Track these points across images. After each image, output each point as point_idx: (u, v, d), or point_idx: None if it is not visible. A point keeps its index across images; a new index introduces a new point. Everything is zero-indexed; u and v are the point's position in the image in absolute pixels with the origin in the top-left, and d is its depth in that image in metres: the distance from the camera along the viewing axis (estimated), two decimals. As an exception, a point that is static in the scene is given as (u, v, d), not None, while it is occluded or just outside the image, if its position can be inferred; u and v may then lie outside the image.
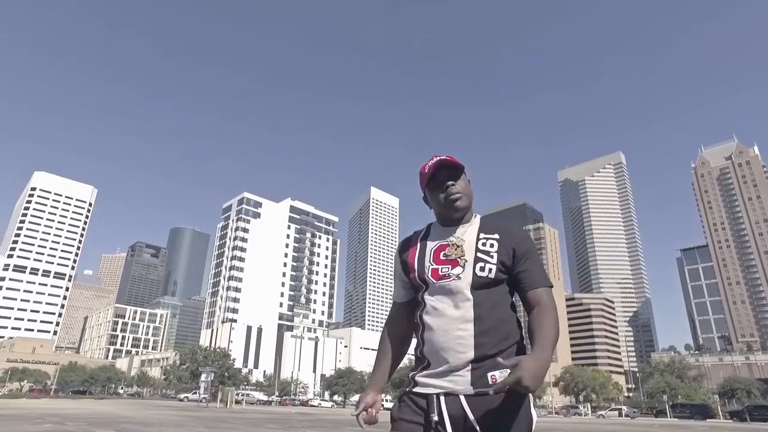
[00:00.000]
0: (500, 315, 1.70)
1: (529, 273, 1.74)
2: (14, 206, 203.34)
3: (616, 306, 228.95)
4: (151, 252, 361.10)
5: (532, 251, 1.78)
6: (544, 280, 1.75)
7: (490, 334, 1.66)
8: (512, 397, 1.57)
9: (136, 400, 58.62)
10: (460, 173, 1.85)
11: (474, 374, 1.62)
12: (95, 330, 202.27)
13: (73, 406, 30.62)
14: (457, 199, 1.82)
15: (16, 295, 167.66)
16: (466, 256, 1.76)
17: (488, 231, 1.82)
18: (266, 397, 76.33)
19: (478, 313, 1.68)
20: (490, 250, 1.75)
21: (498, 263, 1.73)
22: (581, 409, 69.42)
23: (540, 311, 1.67)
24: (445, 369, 1.66)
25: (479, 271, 1.71)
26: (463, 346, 1.65)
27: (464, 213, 1.86)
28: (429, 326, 1.74)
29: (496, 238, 1.79)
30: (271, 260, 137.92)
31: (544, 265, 1.66)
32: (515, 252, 1.75)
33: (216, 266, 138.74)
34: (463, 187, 1.84)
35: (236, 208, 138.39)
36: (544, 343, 1.55)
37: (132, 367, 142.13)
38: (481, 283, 1.71)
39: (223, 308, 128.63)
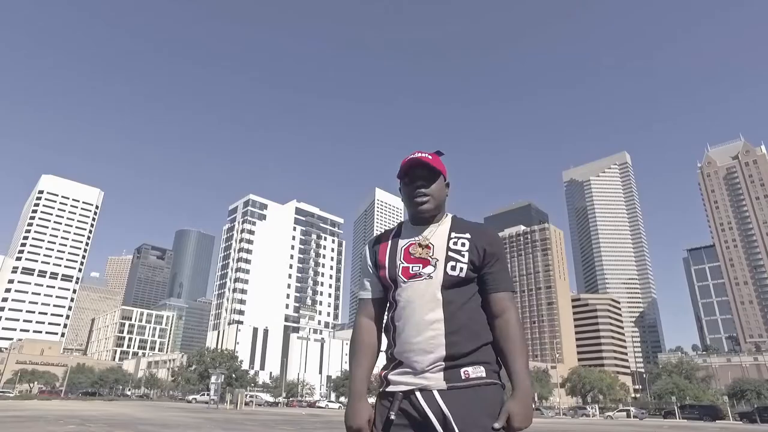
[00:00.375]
0: (470, 314, 1.70)
1: (495, 276, 1.74)
2: (22, 209, 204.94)
3: (622, 306, 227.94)
4: (157, 254, 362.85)
5: (502, 254, 1.79)
6: (509, 284, 1.76)
7: (461, 333, 1.66)
8: (486, 389, 1.60)
9: (145, 402, 58.98)
10: (435, 175, 1.84)
11: (446, 372, 1.62)
12: (102, 332, 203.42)
13: (88, 408, 30.95)
14: (423, 202, 1.82)
15: (25, 298, 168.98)
16: (437, 255, 1.75)
17: (460, 230, 1.82)
18: (273, 399, 76.70)
19: (449, 312, 1.67)
20: (461, 249, 1.75)
21: (468, 262, 1.72)
22: (589, 410, 69.27)
23: (506, 326, 1.68)
24: (418, 368, 1.65)
25: (450, 270, 1.71)
26: (434, 345, 1.64)
27: (431, 215, 1.85)
28: (400, 327, 1.73)
29: (468, 237, 1.78)
30: (277, 262, 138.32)
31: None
32: (485, 252, 1.75)
33: (222, 268, 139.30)
34: (435, 190, 1.83)
35: (242, 210, 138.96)
36: (520, 375, 1.59)
37: (139, 368, 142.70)
38: (451, 283, 1.70)
39: (229, 310, 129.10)
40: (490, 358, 1.67)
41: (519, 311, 1.31)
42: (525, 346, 1.66)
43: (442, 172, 1.86)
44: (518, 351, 1.63)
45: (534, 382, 74.06)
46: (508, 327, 1.67)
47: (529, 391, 1.57)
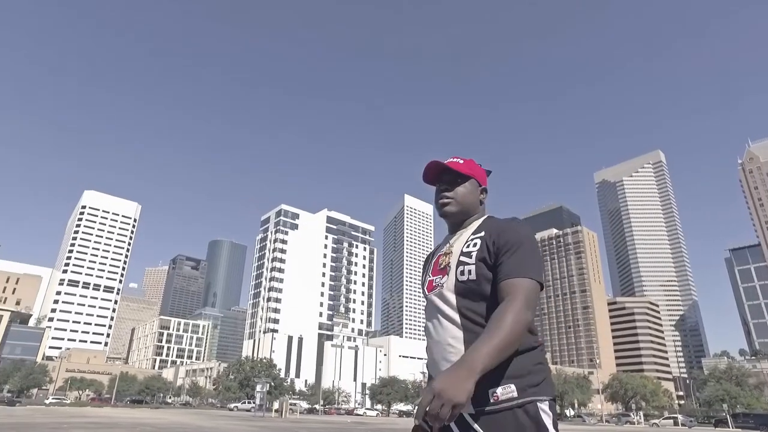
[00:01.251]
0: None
1: (504, 264, 1.54)
2: (67, 224, 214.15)
3: (660, 309, 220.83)
4: (192, 264, 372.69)
5: (518, 242, 1.57)
6: (521, 269, 1.52)
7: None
8: (521, 415, 1.42)
9: (191, 410, 60.71)
10: (459, 178, 1.77)
11: (474, 393, 1.39)
12: (142, 341, 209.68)
13: (147, 416, 32.25)
14: (445, 204, 1.76)
15: (71, 308, 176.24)
16: (452, 262, 1.67)
17: (479, 231, 1.70)
18: (310, 406, 77.62)
19: (465, 321, 1.56)
20: (472, 250, 1.63)
21: (477, 262, 1.59)
22: (633, 417, 67.50)
23: (501, 307, 1.46)
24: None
25: (460, 275, 1.61)
26: (455, 355, 1.53)
27: (456, 219, 1.78)
28: (428, 340, 1.68)
29: (481, 236, 1.66)
30: (310, 270, 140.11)
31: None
32: (494, 244, 1.59)
33: (256, 278, 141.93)
34: (459, 193, 1.76)
35: (274, 220, 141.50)
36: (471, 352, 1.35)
37: (178, 377, 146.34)
38: (464, 289, 1.59)
39: (264, 319, 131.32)
40: (525, 370, 1.48)
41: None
42: (505, 335, 1.37)
43: (472, 176, 1.79)
44: (493, 330, 1.39)
45: (574, 388, 72.56)
46: (502, 307, 1.45)
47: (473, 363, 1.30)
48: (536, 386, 1.47)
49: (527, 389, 1.45)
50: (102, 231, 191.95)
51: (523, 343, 1.48)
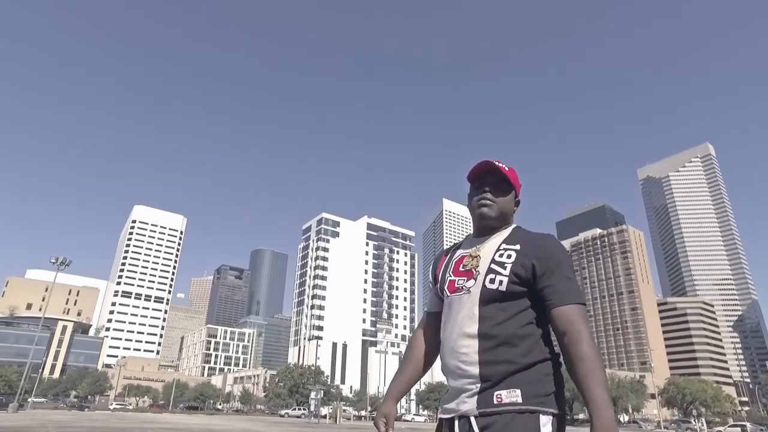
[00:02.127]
0: (513, 331, 1.54)
1: (554, 288, 1.55)
2: (119, 238, 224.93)
3: (716, 310, 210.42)
4: (235, 274, 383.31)
5: (561, 264, 1.58)
6: (574, 296, 1.54)
7: (498, 353, 1.52)
8: (516, 419, 1.43)
9: (245, 416, 62.52)
10: (506, 186, 1.75)
11: (480, 395, 1.50)
12: (191, 349, 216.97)
13: (210, 422, 33.59)
14: (484, 205, 1.73)
15: (125, 318, 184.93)
16: (481, 267, 1.65)
17: (511, 241, 1.69)
18: (356, 413, 78.34)
19: (484, 329, 1.56)
20: (505, 261, 1.62)
21: (511, 275, 1.58)
22: (694, 423, 64.58)
23: (575, 344, 1.47)
24: (456, 391, 1.58)
25: (489, 283, 1.59)
26: (468, 364, 1.55)
27: (490, 223, 1.75)
28: (442, 344, 1.68)
29: (516, 249, 1.64)
30: (352, 277, 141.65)
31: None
32: (536, 266, 1.58)
33: (299, 285, 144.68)
34: (501, 200, 1.74)
35: (315, 228, 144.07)
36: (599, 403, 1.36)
37: (226, 384, 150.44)
38: (491, 297, 1.58)
39: (308, 326, 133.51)
40: (534, 379, 1.49)
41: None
42: (601, 368, 1.42)
43: (515, 188, 1.77)
44: (593, 374, 1.40)
45: (628, 392, 70.24)
46: (577, 346, 1.46)
47: (612, 423, 1.34)
48: (543, 397, 1.46)
49: (532, 398, 1.45)
50: (151, 244, 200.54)
51: (535, 353, 1.52)
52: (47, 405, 71.15)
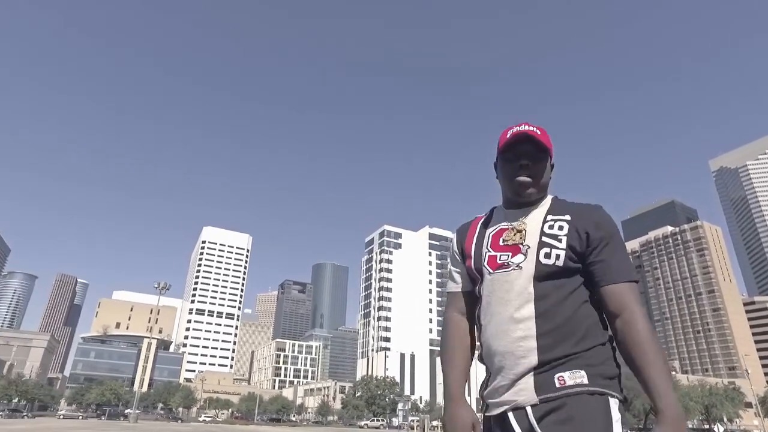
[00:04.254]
0: (572, 311, 1.40)
1: (606, 264, 1.42)
2: (190, 258, 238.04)
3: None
4: (299, 288, 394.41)
5: (614, 237, 1.45)
6: (626, 273, 1.41)
7: (558, 335, 1.37)
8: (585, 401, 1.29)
9: (327, 428, 64.39)
10: (542, 153, 1.56)
11: (538, 378, 1.34)
12: (261, 362, 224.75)
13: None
14: (527, 185, 1.55)
15: (199, 335, 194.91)
16: (529, 241, 1.49)
17: (558, 212, 1.54)
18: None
19: (542, 308, 1.40)
20: (558, 233, 1.47)
21: (567, 248, 1.44)
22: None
23: (630, 326, 1.34)
24: (508, 379, 1.39)
25: (544, 258, 1.44)
26: (524, 349, 1.38)
27: (531, 198, 1.58)
28: (485, 327, 1.50)
29: (567, 220, 1.49)
30: (417, 288, 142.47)
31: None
32: (589, 236, 1.44)
33: (365, 298, 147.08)
34: (540, 170, 1.56)
35: (378, 240, 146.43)
36: (662, 391, 1.23)
37: (297, 396, 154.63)
38: (546, 273, 1.43)
39: (375, 338, 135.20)
40: (597, 360, 1.36)
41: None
42: (661, 353, 1.29)
43: (550, 151, 1.58)
44: (653, 359, 1.27)
45: (723, 400, 65.81)
46: (632, 328, 1.33)
47: (679, 414, 1.19)
48: (609, 380, 1.35)
49: (599, 379, 1.33)
50: (221, 263, 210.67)
51: (596, 335, 1.41)
52: (148, 417, 76.41)
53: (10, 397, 61.49)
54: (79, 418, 58.94)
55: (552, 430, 1.26)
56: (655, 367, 1.26)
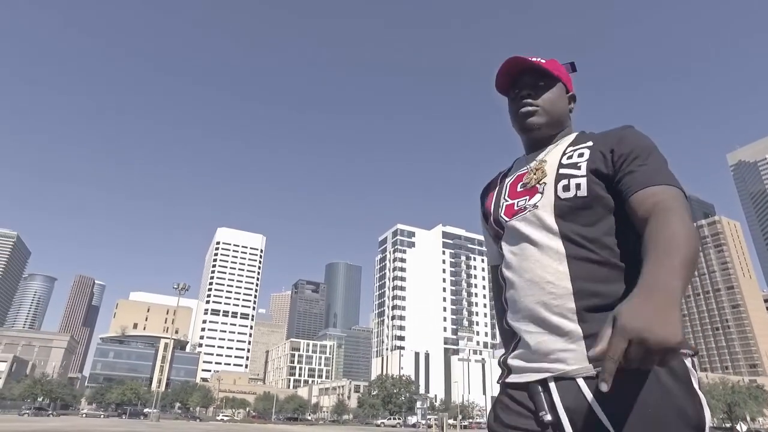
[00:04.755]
0: (614, 247, 1.11)
1: (636, 173, 1.12)
2: (205, 259, 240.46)
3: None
4: (312, 288, 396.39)
5: (645, 148, 1.17)
6: (662, 177, 1.11)
7: (599, 276, 1.08)
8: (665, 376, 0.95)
9: (346, 426, 64.65)
10: (548, 81, 1.35)
11: (590, 341, 1.00)
12: (276, 362, 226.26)
13: None
14: (530, 113, 1.34)
15: (215, 335, 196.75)
16: (547, 178, 1.25)
17: (580, 142, 1.29)
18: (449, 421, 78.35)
19: (572, 248, 1.13)
20: (578, 161, 1.22)
21: (589, 173, 1.18)
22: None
23: (657, 214, 1.01)
24: (543, 341, 1.09)
25: (562, 191, 1.19)
26: (558, 297, 1.09)
27: (543, 132, 1.36)
28: (511, 282, 1.22)
29: (589, 146, 1.24)
30: (431, 286, 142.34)
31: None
32: (614, 153, 1.18)
33: (379, 297, 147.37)
34: (547, 99, 1.34)
35: (391, 240, 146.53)
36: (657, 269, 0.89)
37: (312, 395, 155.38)
38: (568, 207, 1.17)
39: (390, 336, 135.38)
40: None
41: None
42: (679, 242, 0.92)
43: (561, 79, 1.37)
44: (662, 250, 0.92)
45: (746, 399, 64.50)
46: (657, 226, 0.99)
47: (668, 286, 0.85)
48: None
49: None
50: (235, 263, 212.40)
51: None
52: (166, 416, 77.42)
53: (36, 396, 63.04)
54: (101, 416, 60.02)
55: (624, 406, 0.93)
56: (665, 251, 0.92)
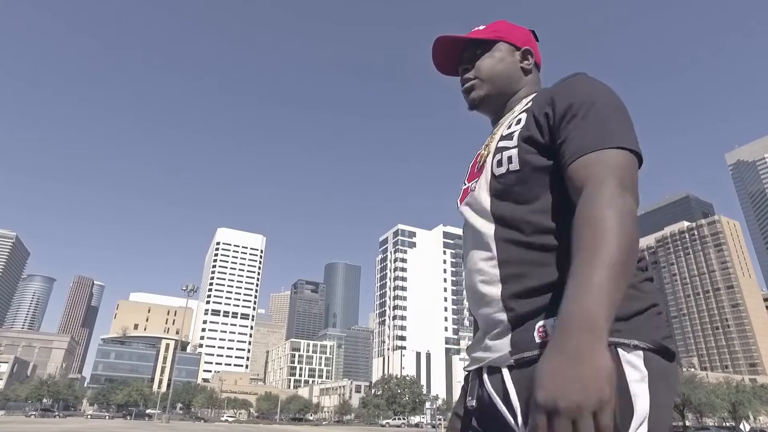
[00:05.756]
0: (548, 223, 0.95)
1: (570, 140, 0.93)
2: (205, 259, 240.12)
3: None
4: (311, 288, 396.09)
5: (583, 102, 0.95)
6: (599, 138, 0.91)
7: (525, 262, 0.94)
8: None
9: (350, 427, 64.67)
10: (483, 45, 1.21)
11: (516, 333, 0.91)
12: (276, 363, 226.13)
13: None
14: (470, 89, 1.21)
15: (215, 335, 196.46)
16: (490, 155, 1.09)
17: (527, 104, 1.10)
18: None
19: (502, 230, 0.99)
20: (513, 130, 1.05)
21: (521, 143, 1.00)
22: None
23: (584, 196, 0.86)
24: (482, 331, 1.03)
25: (496, 167, 1.03)
26: (486, 283, 0.99)
27: (492, 104, 1.22)
28: (464, 270, 1.12)
29: (527, 109, 1.06)
30: (432, 286, 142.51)
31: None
32: (548, 116, 0.99)
33: (380, 297, 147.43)
34: (484, 66, 1.20)
35: (392, 240, 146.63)
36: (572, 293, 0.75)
37: (312, 395, 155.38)
38: (502, 185, 1.01)
39: (391, 337, 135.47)
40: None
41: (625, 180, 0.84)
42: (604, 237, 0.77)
43: (501, 38, 1.21)
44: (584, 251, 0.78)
45: (751, 398, 64.65)
46: (580, 213, 0.84)
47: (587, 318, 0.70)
48: (620, 322, 0.81)
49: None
50: (235, 264, 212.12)
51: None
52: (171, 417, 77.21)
53: (42, 397, 62.97)
54: (106, 418, 59.88)
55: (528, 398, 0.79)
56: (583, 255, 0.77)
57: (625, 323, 0.81)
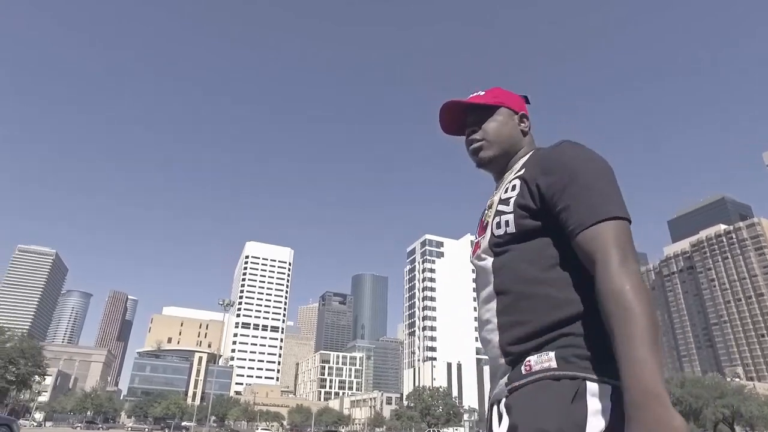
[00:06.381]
0: (532, 277, 1.13)
1: (569, 210, 1.10)
2: (234, 272, 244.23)
3: None
4: (339, 300, 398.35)
5: (573, 176, 1.12)
6: (593, 213, 1.06)
7: (518, 309, 1.13)
8: (548, 386, 1.01)
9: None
10: (487, 110, 1.39)
11: (513, 370, 1.12)
12: (306, 375, 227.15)
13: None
14: (478, 150, 1.39)
15: (246, 348, 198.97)
16: (492, 215, 1.28)
17: (521, 168, 1.29)
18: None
19: (498, 284, 1.19)
20: (510, 195, 1.24)
21: (516, 209, 1.19)
22: None
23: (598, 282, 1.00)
24: (493, 372, 1.23)
25: (496, 228, 1.23)
26: (490, 332, 1.19)
27: (498, 164, 1.40)
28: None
29: (520, 175, 1.25)
30: (461, 296, 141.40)
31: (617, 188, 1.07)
32: (540, 187, 1.16)
33: (409, 308, 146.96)
34: (490, 128, 1.38)
35: (420, 250, 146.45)
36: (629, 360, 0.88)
37: (343, 408, 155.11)
38: (502, 244, 1.21)
39: (421, 348, 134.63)
40: (575, 340, 1.04)
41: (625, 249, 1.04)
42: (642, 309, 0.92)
43: (503, 104, 1.39)
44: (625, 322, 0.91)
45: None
46: (600, 279, 0.99)
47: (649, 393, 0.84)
48: (589, 360, 1.01)
49: (571, 360, 1.02)
50: (264, 277, 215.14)
51: (570, 306, 1.08)
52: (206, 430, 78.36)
53: (86, 410, 65.03)
54: (145, 430, 61.23)
55: (511, 420, 1.03)
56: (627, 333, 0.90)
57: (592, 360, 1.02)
